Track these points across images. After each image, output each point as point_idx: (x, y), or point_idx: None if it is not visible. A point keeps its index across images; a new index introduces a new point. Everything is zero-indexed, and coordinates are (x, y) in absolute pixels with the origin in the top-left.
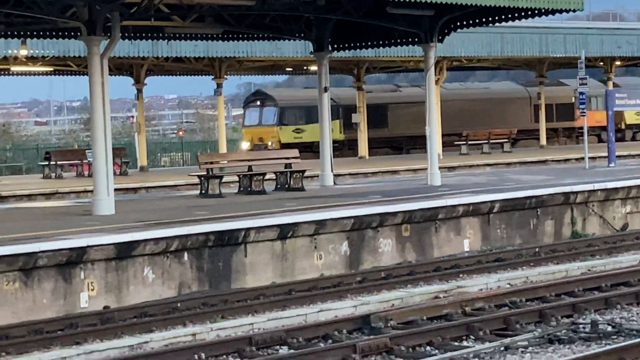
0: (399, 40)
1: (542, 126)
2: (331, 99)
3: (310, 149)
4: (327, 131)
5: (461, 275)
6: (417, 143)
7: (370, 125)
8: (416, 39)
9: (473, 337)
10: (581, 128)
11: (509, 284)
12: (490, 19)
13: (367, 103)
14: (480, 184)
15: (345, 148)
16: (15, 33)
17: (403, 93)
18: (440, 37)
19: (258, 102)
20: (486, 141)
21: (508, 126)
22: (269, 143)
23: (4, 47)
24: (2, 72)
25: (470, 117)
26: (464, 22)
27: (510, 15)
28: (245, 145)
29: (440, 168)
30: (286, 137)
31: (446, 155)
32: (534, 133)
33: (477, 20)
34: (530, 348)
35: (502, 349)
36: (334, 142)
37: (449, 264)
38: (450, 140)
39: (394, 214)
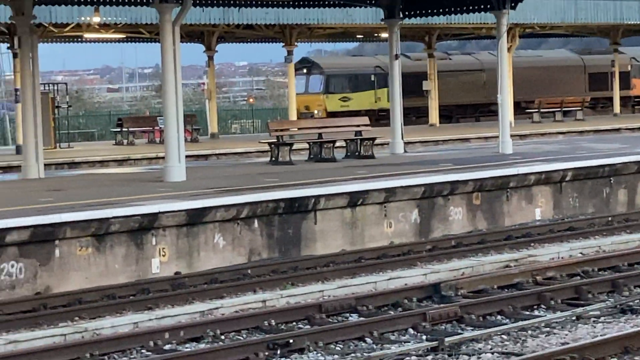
0: (470, 7)
1: (616, 94)
2: (379, 67)
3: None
4: (398, 99)
5: (532, 244)
6: (466, 112)
7: (419, 93)
8: (488, 6)
9: (544, 307)
10: (637, 97)
11: (581, 253)
12: None
13: (415, 71)
14: (553, 152)
15: None
16: (88, 0)
17: (452, 61)
18: (512, 4)
19: (304, 70)
20: (558, 109)
21: (559, 95)
22: (315, 112)
23: (77, 14)
24: (75, 39)
25: (520, 85)
26: None
27: None
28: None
29: (511, 136)
30: (333, 105)
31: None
32: (589, 102)
33: None
34: (602, 318)
35: (573, 318)
36: (383, 110)
37: (520, 232)
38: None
39: (465, 182)
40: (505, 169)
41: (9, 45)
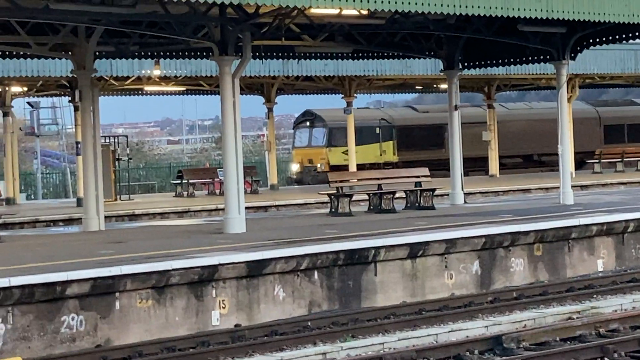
0: (530, 58)
1: None
2: (384, 119)
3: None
4: (458, 150)
5: (595, 295)
6: (476, 165)
7: (425, 146)
8: (548, 57)
9: (607, 359)
10: None
11: None
12: (623, 35)
13: (424, 123)
14: (614, 202)
15: None
16: (149, 53)
17: (462, 113)
18: (572, 55)
19: (307, 123)
20: (619, 159)
21: (576, 147)
22: (318, 165)
23: (138, 67)
24: (136, 92)
25: (533, 137)
26: (597, 39)
27: None
28: (295, 167)
29: (572, 187)
30: (335, 159)
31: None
32: (603, 156)
33: (610, 37)
34: None
35: None
36: (388, 164)
37: (582, 284)
38: (512, 162)
39: (526, 233)
40: (566, 220)
41: (70, 98)
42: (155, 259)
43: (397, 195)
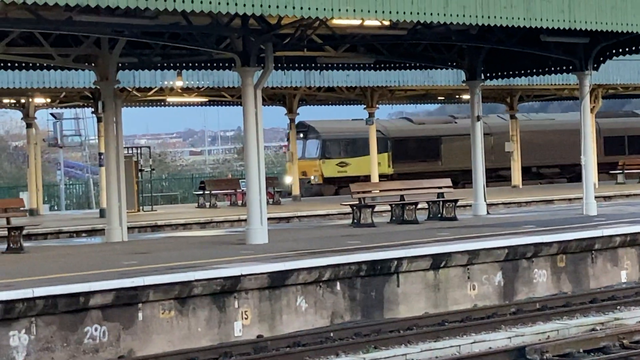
0: (552, 68)
1: None
2: (378, 130)
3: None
4: (480, 160)
5: (619, 307)
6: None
7: (421, 158)
8: (570, 67)
9: None
10: None
11: None
12: None
13: (420, 135)
14: (638, 213)
15: None
16: (171, 65)
17: (458, 125)
18: (595, 65)
19: (301, 135)
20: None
21: (571, 160)
22: (312, 177)
23: (160, 79)
24: (159, 103)
25: (531, 149)
26: (620, 50)
27: None
28: (288, 179)
29: (595, 197)
30: (329, 171)
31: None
32: (602, 167)
33: (633, 48)
34: None
35: None
36: (382, 176)
37: (605, 295)
38: (509, 175)
39: (549, 244)
40: (590, 231)
41: (93, 109)
42: (178, 270)
43: (419, 206)
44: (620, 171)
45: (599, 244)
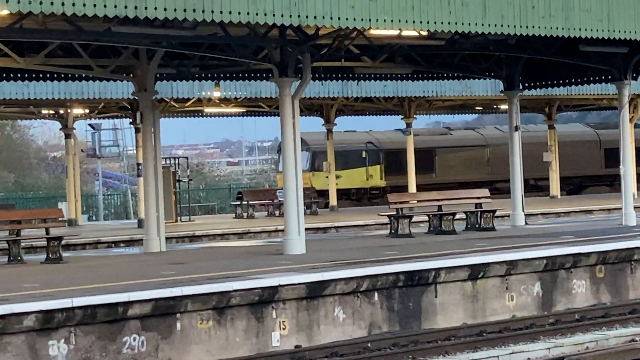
0: (591, 78)
1: None
2: (371, 142)
3: (347, 196)
4: (518, 171)
5: None
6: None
7: (415, 170)
8: (609, 77)
9: None
10: None
11: None
12: None
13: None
14: None
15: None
16: (209, 75)
17: (453, 136)
18: (634, 75)
19: None
20: None
21: (575, 171)
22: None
23: (198, 89)
24: (196, 114)
25: (529, 161)
26: None
27: None
28: (280, 193)
29: (635, 208)
30: (320, 183)
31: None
32: (604, 179)
33: None
34: None
35: None
36: (375, 189)
37: None
38: (506, 187)
39: (588, 254)
40: (629, 241)
41: (131, 120)
42: (215, 280)
43: (457, 216)
44: None
45: (638, 255)
